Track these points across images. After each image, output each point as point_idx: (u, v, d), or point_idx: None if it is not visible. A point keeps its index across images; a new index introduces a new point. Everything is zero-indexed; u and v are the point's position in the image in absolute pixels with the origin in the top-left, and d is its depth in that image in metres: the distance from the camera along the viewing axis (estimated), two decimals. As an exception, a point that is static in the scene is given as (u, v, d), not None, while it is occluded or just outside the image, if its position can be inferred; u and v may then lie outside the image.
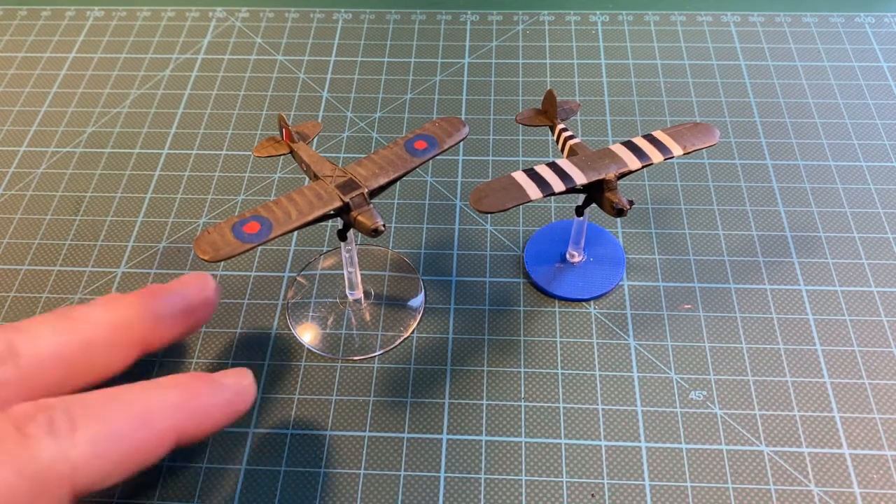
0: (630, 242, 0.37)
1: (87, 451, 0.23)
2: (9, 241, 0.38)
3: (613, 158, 0.30)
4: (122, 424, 0.24)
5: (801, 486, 0.29)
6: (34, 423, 0.23)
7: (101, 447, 0.23)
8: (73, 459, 0.23)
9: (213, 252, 0.26)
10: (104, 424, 0.24)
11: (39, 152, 0.42)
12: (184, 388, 0.26)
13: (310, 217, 0.27)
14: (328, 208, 0.28)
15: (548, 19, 0.49)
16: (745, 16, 0.49)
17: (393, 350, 0.33)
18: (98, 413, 0.24)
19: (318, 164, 0.30)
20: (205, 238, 0.26)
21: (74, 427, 0.23)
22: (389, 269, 0.36)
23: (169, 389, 0.26)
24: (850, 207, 0.38)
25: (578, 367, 0.32)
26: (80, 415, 0.23)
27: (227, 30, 0.49)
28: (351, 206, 0.28)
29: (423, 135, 0.31)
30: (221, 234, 0.26)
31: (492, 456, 0.30)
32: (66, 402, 0.24)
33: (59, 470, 0.22)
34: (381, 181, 0.29)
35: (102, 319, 0.27)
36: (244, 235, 0.26)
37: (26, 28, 0.50)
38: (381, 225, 0.27)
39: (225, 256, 0.26)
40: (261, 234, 0.27)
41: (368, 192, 0.28)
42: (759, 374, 0.32)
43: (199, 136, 0.42)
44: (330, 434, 0.31)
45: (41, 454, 0.22)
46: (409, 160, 0.30)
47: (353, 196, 0.28)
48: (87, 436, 0.23)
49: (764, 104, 0.43)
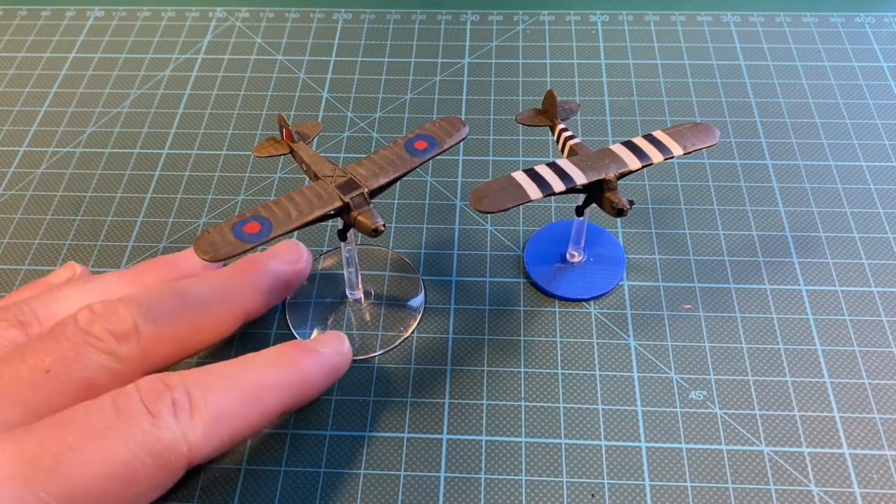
0: (630, 242, 0.37)
1: (203, 432, 0.25)
2: (9, 241, 0.38)
3: (613, 158, 0.30)
4: (234, 405, 0.26)
5: (801, 486, 0.29)
6: (160, 403, 0.24)
7: (215, 428, 0.25)
8: (191, 440, 0.24)
9: (213, 252, 0.26)
10: (218, 407, 0.25)
11: (39, 152, 0.42)
12: (290, 366, 0.28)
13: (310, 217, 0.27)
14: (328, 208, 0.28)
15: (548, 19, 0.49)
16: (745, 16, 0.49)
17: (393, 350, 0.33)
18: (213, 395, 0.25)
19: (318, 164, 0.30)
20: (205, 238, 0.26)
21: (194, 409, 0.25)
22: (389, 269, 0.36)
23: (277, 367, 0.27)
24: (851, 207, 0.38)
25: (578, 367, 0.32)
26: (198, 396, 0.25)
27: (227, 30, 0.49)
28: (351, 206, 0.28)
29: (424, 135, 0.31)
30: (221, 234, 0.26)
31: (492, 456, 0.30)
32: (185, 382, 0.25)
33: (178, 449, 0.24)
34: (381, 181, 0.29)
35: (212, 296, 0.29)
36: (244, 235, 0.26)
37: (26, 28, 0.50)
38: (381, 225, 0.27)
39: (225, 256, 0.26)
40: (261, 233, 0.27)
41: (368, 192, 0.28)
42: (759, 374, 0.32)
43: (200, 136, 0.42)
44: (330, 434, 0.31)
45: (165, 434, 0.24)
46: (410, 160, 0.30)
47: (354, 196, 0.28)
48: (203, 418, 0.25)
49: (764, 104, 0.43)
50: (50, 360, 0.25)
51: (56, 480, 0.22)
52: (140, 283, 0.31)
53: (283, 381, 0.27)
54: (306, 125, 0.34)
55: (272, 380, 0.27)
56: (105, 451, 0.23)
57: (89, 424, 0.24)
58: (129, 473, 0.23)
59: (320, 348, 0.29)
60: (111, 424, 0.24)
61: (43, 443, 0.23)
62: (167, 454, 0.24)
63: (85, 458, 0.23)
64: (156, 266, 0.32)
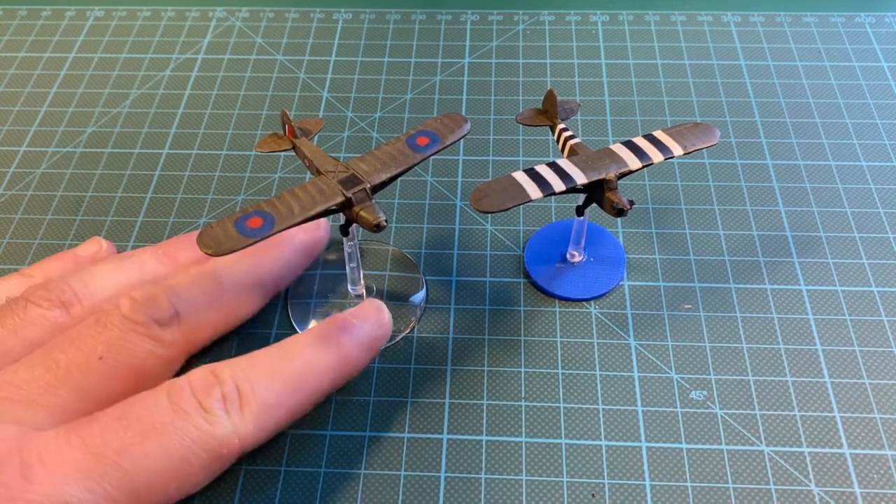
0: (630, 242, 0.37)
1: (253, 424, 0.26)
2: (9, 241, 0.38)
3: (614, 158, 0.30)
4: (280, 396, 0.27)
5: (801, 486, 0.29)
6: (211, 399, 0.26)
7: (263, 420, 0.26)
8: (242, 433, 0.26)
9: (215, 247, 0.26)
10: (267, 399, 0.26)
11: (39, 152, 0.42)
12: (332, 348, 0.28)
13: (312, 212, 0.28)
14: (330, 203, 0.28)
15: (548, 19, 0.49)
16: (746, 16, 0.49)
17: (393, 348, 0.33)
18: (261, 388, 0.26)
19: (320, 159, 0.30)
20: (208, 233, 0.26)
21: (243, 402, 0.26)
22: (391, 267, 0.36)
23: (319, 351, 0.28)
24: (851, 207, 0.38)
25: (579, 367, 0.32)
26: (248, 390, 0.26)
27: (227, 30, 0.49)
28: (353, 202, 0.28)
29: (426, 131, 0.31)
30: (224, 228, 0.27)
31: (492, 456, 0.30)
32: (234, 374, 0.26)
33: (230, 442, 0.25)
34: (382, 177, 0.29)
35: (245, 276, 0.31)
36: (247, 230, 0.27)
37: (26, 28, 0.50)
38: (383, 220, 0.28)
39: (227, 251, 0.26)
40: (263, 228, 0.27)
41: (371, 187, 0.29)
42: (759, 373, 0.32)
43: (200, 136, 0.42)
44: (330, 434, 0.31)
45: (218, 430, 0.25)
46: (412, 156, 0.30)
47: (356, 191, 0.28)
48: (253, 411, 0.26)
49: (764, 104, 0.43)
50: (102, 347, 0.27)
51: (120, 475, 0.24)
52: (173, 261, 0.32)
53: (326, 364, 0.28)
54: (308, 121, 0.34)
55: (316, 365, 0.28)
56: (163, 446, 0.24)
57: (147, 419, 0.25)
58: (185, 467, 0.25)
59: (360, 322, 0.29)
60: (168, 420, 0.25)
61: (105, 436, 0.24)
62: (220, 448, 0.25)
63: (145, 453, 0.24)
64: (188, 243, 0.33)
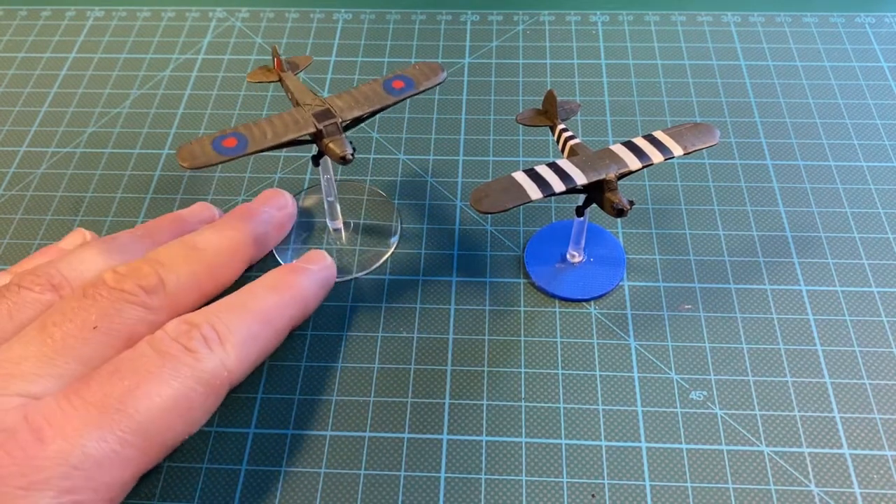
0: (630, 242, 0.37)
1: (236, 355, 0.28)
2: (9, 242, 0.38)
3: (614, 159, 0.30)
4: (252, 329, 0.29)
5: (801, 486, 0.29)
6: (193, 340, 0.27)
7: (244, 351, 0.28)
8: (228, 365, 0.27)
9: (191, 160, 0.29)
10: (242, 333, 0.28)
11: (39, 152, 0.42)
12: (289, 286, 0.31)
13: (284, 139, 0.30)
14: (302, 132, 0.30)
15: (548, 19, 0.49)
16: (746, 16, 0.49)
17: (393, 348, 0.33)
18: (233, 324, 0.28)
19: (301, 93, 0.32)
20: (186, 148, 0.29)
21: (223, 339, 0.28)
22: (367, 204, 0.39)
23: (279, 290, 0.31)
24: (851, 207, 0.38)
25: (579, 368, 0.32)
26: (223, 328, 0.28)
27: (227, 30, 0.49)
28: (324, 133, 0.30)
29: (402, 75, 0.33)
30: (202, 146, 0.30)
31: (492, 456, 0.30)
32: (208, 318, 0.28)
33: (220, 375, 0.27)
34: (355, 113, 0.31)
35: (222, 247, 0.32)
36: (222, 148, 0.29)
37: (26, 28, 0.50)
38: (349, 153, 0.30)
39: (201, 165, 0.29)
40: (237, 148, 0.29)
41: (342, 122, 0.31)
42: (759, 374, 0.32)
43: (200, 136, 0.42)
44: (330, 434, 0.31)
45: (207, 364, 0.27)
46: (385, 97, 0.32)
47: (327, 124, 0.30)
48: (232, 344, 0.28)
49: (764, 104, 0.43)
50: (95, 317, 0.28)
51: (126, 419, 0.25)
52: (154, 241, 0.33)
53: (287, 300, 0.31)
54: (298, 57, 0.37)
55: (276, 301, 0.30)
56: (161, 386, 0.26)
57: (139, 368, 0.26)
58: (186, 403, 0.26)
59: (309, 266, 0.33)
60: (159, 364, 0.26)
61: (104, 389, 0.25)
62: (213, 380, 0.27)
63: (146, 395, 0.25)
64: (165, 223, 0.35)
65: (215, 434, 0.31)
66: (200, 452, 0.30)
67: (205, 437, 0.31)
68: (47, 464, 0.23)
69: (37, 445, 0.24)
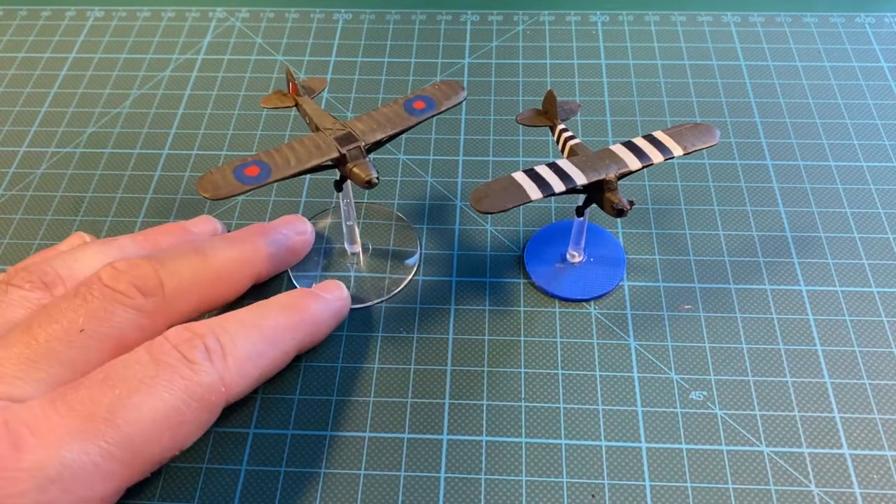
0: (630, 242, 0.37)
1: (235, 371, 0.27)
2: (9, 242, 0.38)
3: (614, 159, 0.30)
4: (257, 347, 0.28)
5: (801, 486, 0.29)
6: (194, 350, 0.26)
7: (245, 368, 0.27)
8: (227, 381, 0.26)
9: (213, 190, 0.27)
10: (246, 349, 0.27)
11: (39, 153, 0.42)
12: (301, 309, 0.30)
13: (307, 165, 0.29)
14: (325, 158, 0.29)
15: (548, 19, 0.49)
16: (745, 16, 0.49)
17: (393, 348, 0.33)
18: (238, 339, 0.27)
19: (320, 117, 0.32)
20: (207, 178, 0.28)
21: (226, 352, 0.27)
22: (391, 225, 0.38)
23: (290, 311, 0.30)
24: (851, 208, 0.38)
25: (579, 368, 0.32)
26: (228, 341, 0.27)
27: (227, 30, 0.49)
28: (347, 158, 0.29)
29: (423, 96, 0.32)
30: (223, 175, 0.28)
31: (492, 456, 0.30)
32: (211, 329, 0.27)
33: (216, 389, 0.26)
34: (378, 136, 0.30)
35: (229, 257, 0.31)
36: (244, 178, 0.28)
37: (26, 28, 0.50)
38: (374, 177, 0.29)
39: (224, 195, 0.27)
40: (260, 177, 0.28)
41: (365, 145, 0.30)
42: (759, 374, 0.32)
43: (200, 136, 0.42)
44: (330, 434, 0.31)
45: (204, 378, 0.26)
46: (407, 118, 0.31)
47: (350, 148, 0.30)
48: (234, 359, 0.27)
49: (764, 104, 0.43)
50: (83, 319, 0.26)
51: (113, 431, 0.24)
52: (155, 247, 0.32)
53: (297, 322, 0.30)
54: (313, 80, 0.36)
55: (287, 322, 0.29)
56: (153, 398, 0.25)
57: (132, 376, 0.25)
58: (177, 417, 0.25)
59: (324, 294, 0.32)
60: (153, 373, 0.25)
61: (93, 397, 0.24)
62: (208, 395, 0.26)
63: (136, 407, 0.24)
64: (169, 230, 0.34)
65: (215, 434, 0.31)
66: (200, 452, 0.30)
67: (205, 436, 0.31)
68: (22, 476, 0.22)
69: (13, 454, 0.23)
